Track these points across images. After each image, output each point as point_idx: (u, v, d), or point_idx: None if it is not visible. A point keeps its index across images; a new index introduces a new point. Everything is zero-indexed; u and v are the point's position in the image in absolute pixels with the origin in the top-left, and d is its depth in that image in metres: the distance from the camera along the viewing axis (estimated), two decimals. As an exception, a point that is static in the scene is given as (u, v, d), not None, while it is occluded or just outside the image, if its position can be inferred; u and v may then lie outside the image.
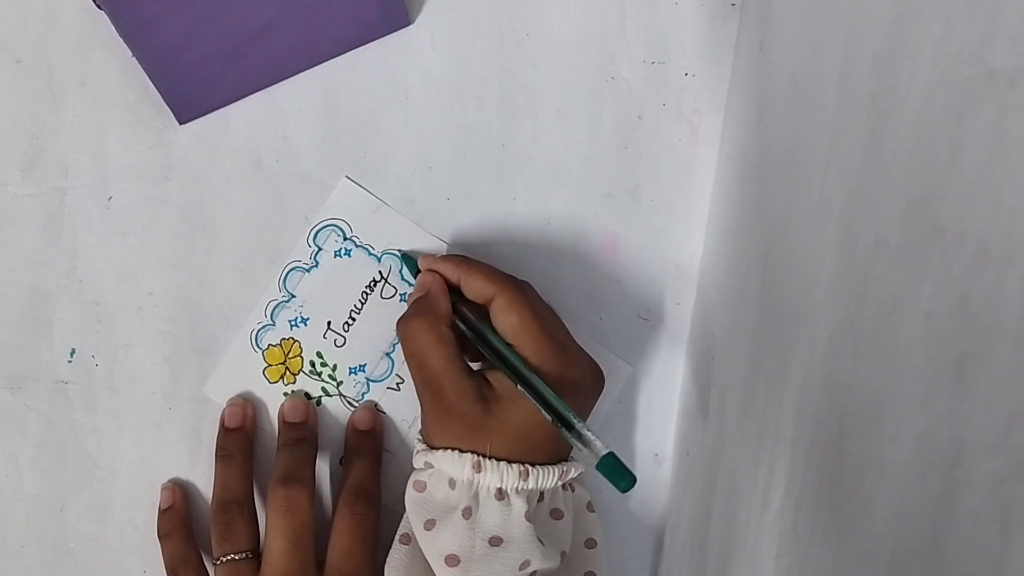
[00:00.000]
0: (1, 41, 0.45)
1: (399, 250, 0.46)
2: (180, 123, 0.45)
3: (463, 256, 0.44)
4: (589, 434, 0.37)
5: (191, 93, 0.44)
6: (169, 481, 0.46)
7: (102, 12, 0.41)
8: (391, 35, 0.45)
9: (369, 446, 0.46)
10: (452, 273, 0.42)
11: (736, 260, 0.40)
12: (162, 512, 0.46)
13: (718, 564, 0.37)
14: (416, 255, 0.46)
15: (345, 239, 0.46)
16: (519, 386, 0.39)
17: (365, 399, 0.47)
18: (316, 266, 0.46)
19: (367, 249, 0.46)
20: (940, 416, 0.21)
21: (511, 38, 0.46)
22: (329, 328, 0.46)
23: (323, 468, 0.47)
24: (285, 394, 0.46)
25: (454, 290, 0.43)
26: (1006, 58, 0.20)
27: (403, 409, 0.47)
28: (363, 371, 0.46)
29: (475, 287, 0.41)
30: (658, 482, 0.48)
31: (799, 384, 0.30)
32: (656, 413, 0.48)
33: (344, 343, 0.46)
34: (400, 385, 0.46)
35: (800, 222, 0.32)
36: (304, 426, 0.45)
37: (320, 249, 0.46)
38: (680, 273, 0.47)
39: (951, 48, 0.22)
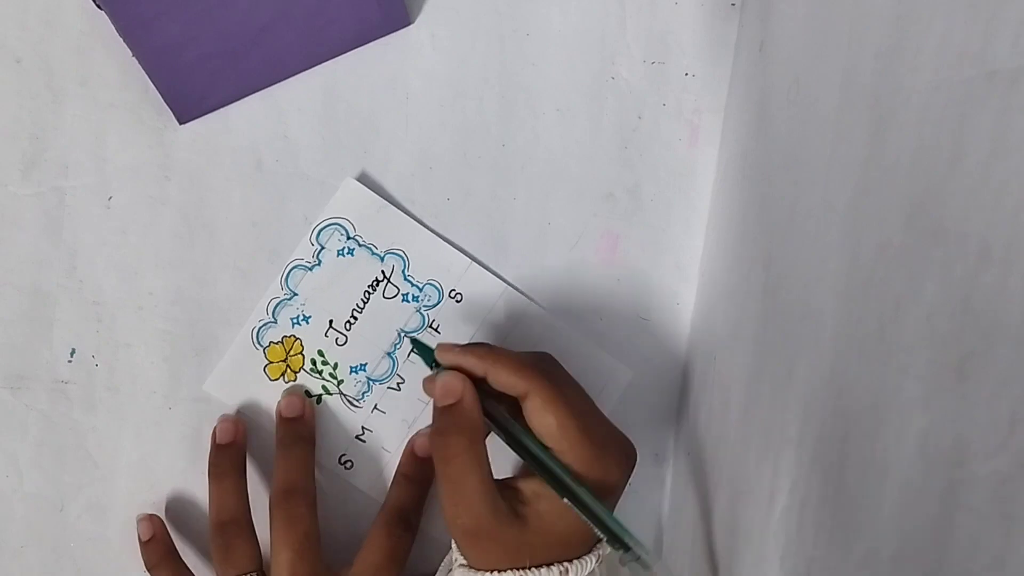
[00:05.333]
0: (1, 41, 0.45)
1: (409, 336, 0.45)
2: (180, 123, 0.45)
3: (486, 345, 0.40)
4: (646, 556, 0.37)
5: (191, 93, 0.44)
6: (143, 514, 0.46)
7: (102, 12, 0.41)
8: (391, 35, 0.45)
9: (422, 475, 0.45)
10: (477, 367, 0.39)
11: (737, 260, 0.40)
12: (144, 544, 0.45)
13: (722, 565, 0.37)
14: (428, 342, 0.43)
15: (348, 238, 0.46)
16: (565, 499, 0.37)
17: (366, 399, 0.47)
18: (319, 264, 0.46)
19: (370, 249, 0.46)
20: (942, 416, 0.21)
21: (511, 38, 0.46)
22: (331, 327, 0.46)
23: (323, 468, 0.47)
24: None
25: (478, 382, 0.40)
26: (1007, 58, 0.20)
27: (403, 409, 0.47)
28: (364, 370, 0.46)
29: (505, 383, 0.39)
30: (658, 482, 0.48)
31: (803, 385, 0.30)
32: (656, 413, 0.48)
33: (345, 342, 0.46)
34: (401, 385, 0.46)
35: (803, 223, 0.32)
36: (300, 422, 0.45)
37: (323, 248, 0.46)
38: (680, 273, 0.47)
39: (952, 48, 0.22)
